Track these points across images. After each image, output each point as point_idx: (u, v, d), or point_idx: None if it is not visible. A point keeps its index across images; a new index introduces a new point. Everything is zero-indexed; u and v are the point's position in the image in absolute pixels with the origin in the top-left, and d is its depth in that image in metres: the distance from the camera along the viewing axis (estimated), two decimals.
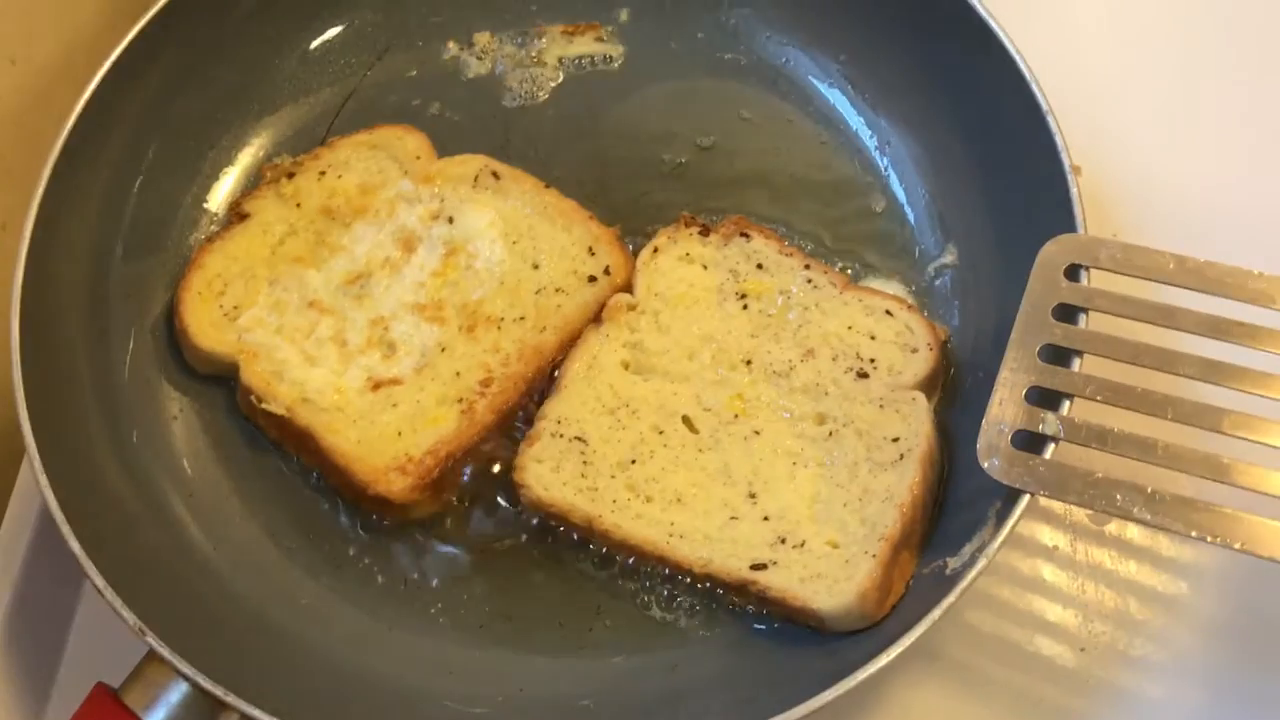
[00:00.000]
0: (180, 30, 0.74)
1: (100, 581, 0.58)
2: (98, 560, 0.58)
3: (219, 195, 0.77)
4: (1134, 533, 0.70)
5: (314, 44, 0.80)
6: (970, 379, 0.69)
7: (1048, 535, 0.70)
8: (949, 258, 0.73)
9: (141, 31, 0.72)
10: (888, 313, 0.70)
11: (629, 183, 0.78)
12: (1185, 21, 0.80)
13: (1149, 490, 0.57)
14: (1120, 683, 0.66)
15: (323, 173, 0.76)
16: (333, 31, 0.81)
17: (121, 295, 0.72)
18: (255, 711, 0.56)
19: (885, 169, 0.76)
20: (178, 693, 0.58)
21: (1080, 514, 0.71)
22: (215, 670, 0.57)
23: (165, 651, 0.57)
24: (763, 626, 0.65)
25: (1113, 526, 0.70)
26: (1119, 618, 0.68)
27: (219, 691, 0.56)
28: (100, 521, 0.61)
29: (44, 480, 0.60)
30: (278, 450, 0.71)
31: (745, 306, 0.72)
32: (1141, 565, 0.70)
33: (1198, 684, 0.66)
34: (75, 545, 0.58)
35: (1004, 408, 0.61)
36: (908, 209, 0.75)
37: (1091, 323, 0.62)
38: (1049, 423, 0.60)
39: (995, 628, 0.69)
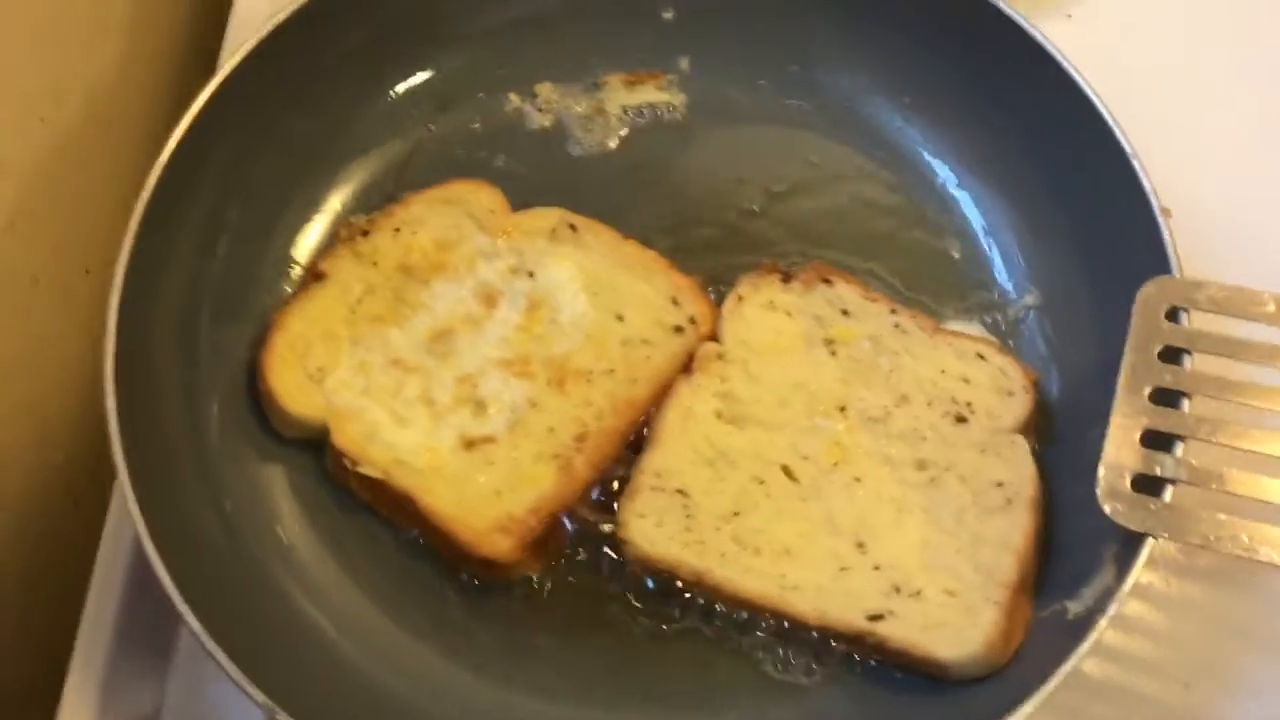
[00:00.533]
0: (253, 88, 0.73)
1: (225, 660, 0.57)
2: (221, 639, 0.57)
3: (299, 252, 0.76)
4: (1220, 563, 0.71)
5: (397, 89, 0.80)
6: (1061, 420, 0.70)
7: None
8: (1030, 299, 0.74)
9: (218, 89, 0.71)
10: (980, 356, 0.70)
11: (702, 230, 0.78)
12: (1267, 58, 0.82)
13: (1272, 530, 0.58)
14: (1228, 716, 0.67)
15: (398, 230, 0.76)
16: (415, 80, 0.81)
17: (207, 362, 0.70)
18: None
19: (959, 212, 0.77)
20: None
21: (1170, 549, 0.72)
22: None
23: None
24: (881, 677, 0.65)
25: (1203, 560, 0.71)
26: (1217, 652, 0.69)
27: None
28: (212, 597, 0.60)
29: (156, 557, 0.59)
30: (370, 513, 0.70)
31: (834, 353, 0.72)
32: (1234, 596, 0.70)
33: None
34: (196, 624, 0.57)
35: (1120, 452, 0.61)
36: (983, 252, 0.76)
37: (1195, 363, 0.63)
38: (1166, 465, 0.61)
39: (1096, 668, 0.69)
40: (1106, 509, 0.60)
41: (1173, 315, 0.64)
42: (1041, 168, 0.74)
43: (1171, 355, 0.64)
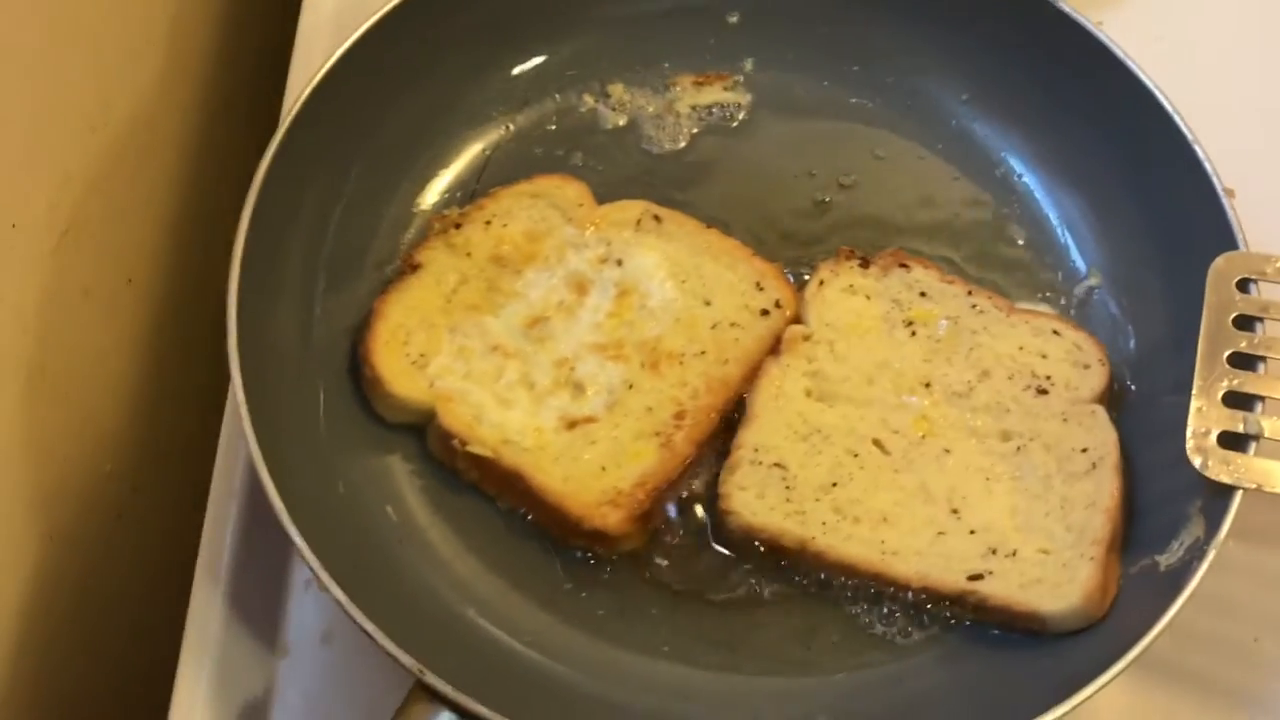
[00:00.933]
0: (348, 92, 0.76)
1: (371, 626, 0.59)
2: (367, 604, 0.59)
3: (397, 247, 0.79)
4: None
5: (516, 70, 0.84)
6: (1134, 391, 0.74)
7: None
8: (1094, 280, 0.78)
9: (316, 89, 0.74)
10: (1055, 332, 0.74)
11: (777, 221, 0.81)
12: None
13: None
14: None
15: (488, 222, 0.78)
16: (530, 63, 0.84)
17: (318, 342, 0.73)
18: None
19: (1024, 198, 0.81)
20: None
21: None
22: (486, 699, 0.58)
23: (444, 685, 0.58)
24: (979, 635, 0.68)
25: (1267, 521, 0.75)
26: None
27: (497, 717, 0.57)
28: (348, 572, 0.62)
29: (295, 532, 0.61)
30: (476, 493, 0.72)
31: (914, 333, 0.75)
32: None
33: None
34: (341, 595, 0.59)
35: (1205, 412, 0.65)
36: (1050, 235, 0.79)
37: (1269, 329, 0.67)
38: (1250, 422, 0.64)
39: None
40: (1197, 463, 0.64)
41: (1243, 286, 0.68)
42: (1104, 156, 0.78)
43: (1245, 324, 0.68)
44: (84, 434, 0.82)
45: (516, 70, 0.84)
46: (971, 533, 0.68)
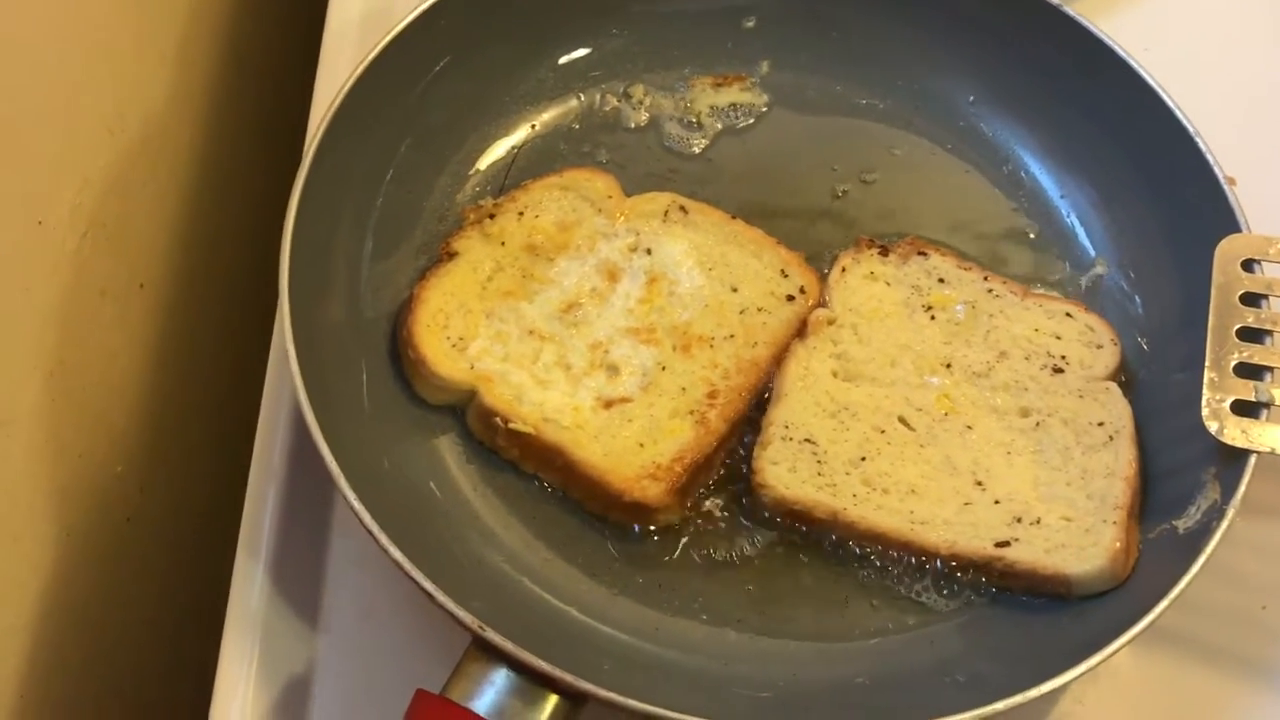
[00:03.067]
0: (387, 85, 0.79)
1: (430, 586, 0.61)
2: (425, 568, 0.61)
3: (434, 237, 0.81)
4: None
5: (562, 60, 0.87)
6: (1141, 371, 0.77)
7: None
8: (1100, 268, 0.82)
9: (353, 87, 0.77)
10: (1068, 315, 0.78)
11: (799, 215, 0.84)
12: None
13: None
14: None
15: (521, 213, 0.81)
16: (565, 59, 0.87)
17: (364, 313, 0.75)
18: (585, 685, 0.59)
19: (1034, 191, 0.84)
20: (501, 680, 0.60)
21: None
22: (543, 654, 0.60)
23: (503, 641, 0.59)
24: (1004, 600, 0.70)
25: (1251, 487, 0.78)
26: None
27: (556, 671, 0.59)
28: (405, 536, 0.64)
29: (356, 499, 0.63)
30: (516, 471, 0.74)
31: (933, 317, 0.78)
32: None
33: None
34: (400, 556, 0.61)
35: (1218, 382, 0.69)
36: (1060, 225, 0.83)
37: (1273, 306, 0.71)
38: (1261, 391, 0.68)
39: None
40: (1212, 429, 0.67)
41: (1248, 266, 0.72)
42: (1109, 150, 0.82)
43: (1251, 300, 0.71)
44: (96, 434, 0.83)
45: (543, 71, 0.87)
46: (996, 503, 0.71)
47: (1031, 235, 0.84)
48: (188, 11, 0.96)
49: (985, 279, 0.79)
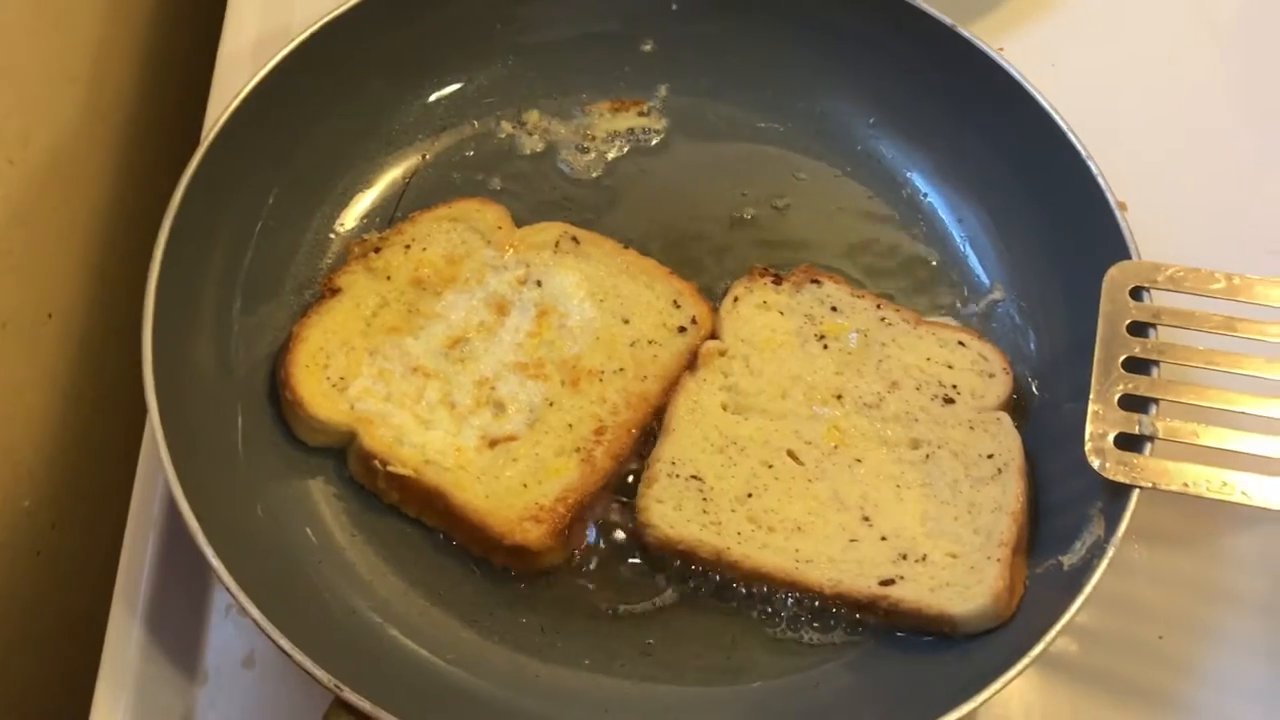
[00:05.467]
0: (268, 116, 0.77)
1: (287, 644, 0.59)
2: (287, 623, 0.59)
3: (316, 271, 0.80)
4: (1185, 526, 0.77)
5: (433, 96, 0.86)
6: (1037, 399, 0.76)
7: None
8: (996, 294, 0.81)
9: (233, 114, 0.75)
10: (960, 343, 0.77)
11: (695, 242, 0.83)
12: (1207, 53, 0.93)
13: (1241, 475, 0.65)
14: (1201, 661, 0.73)
15: (408, 246, 0.79)
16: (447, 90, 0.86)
17: (237, 364, 0.74)
18: None
19: (930, 216, 0.83)
20: None
21: (1140, 515, 0.78)
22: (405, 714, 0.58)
23: (359, 700, 0.58)
24: (891, 639, 0.69)
25: (1167, 523, 0.77)
26: (1186, 606, 0.75)
27: None
28: (265, 594, 0.62)
29: (214, 558, 0.62)
30: (397, 514, 0.72)
31: (825, 346, 0.77)
32: (1199, 556, 0.77)
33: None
34: (258, 614, 0.60)
35: (1103, 415, 0.67)
36: (955, 251, 0.82)
37: (1160, 335, 0.70)
38: (1145, 424, 0.67)
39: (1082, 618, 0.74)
40: (1095, 464, 0.66)
41: (1136, 294, 0.71)
42: (1004, 175, 0.81)
43: (1138, 330, 0.70)
44: (2, 469, 0.81)
45: (433, 97, 0.86)
46: (883, 539, 0.70)
47: (931, 261, 0.82)
48: (101, 28, 0.94)
49: (879, 307, 0.78)
